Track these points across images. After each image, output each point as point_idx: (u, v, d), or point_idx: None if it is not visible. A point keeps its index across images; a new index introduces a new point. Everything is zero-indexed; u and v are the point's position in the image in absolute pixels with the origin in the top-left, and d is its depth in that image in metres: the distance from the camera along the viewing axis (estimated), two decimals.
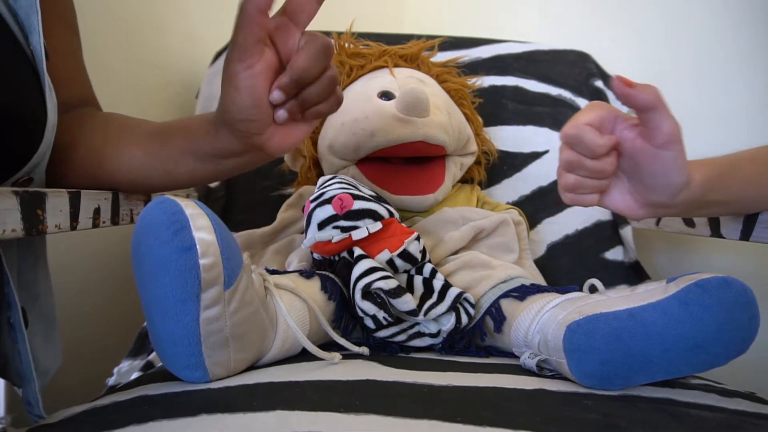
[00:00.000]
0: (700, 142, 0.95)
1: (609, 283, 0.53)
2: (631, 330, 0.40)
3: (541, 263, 0.77)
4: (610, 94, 0.96)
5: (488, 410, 0.36)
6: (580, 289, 0.51)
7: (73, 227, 0.45)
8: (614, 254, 0.83)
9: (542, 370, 0.46)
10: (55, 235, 0.45)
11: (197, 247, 0.37)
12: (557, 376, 0.45)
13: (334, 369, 0.44)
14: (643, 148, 0.45)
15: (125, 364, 0.67)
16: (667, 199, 0.47)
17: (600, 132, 0.45)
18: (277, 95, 0.45)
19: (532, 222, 0.83)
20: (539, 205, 0.85)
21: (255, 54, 0.43)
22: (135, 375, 0.63)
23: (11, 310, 0.48)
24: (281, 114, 0.46)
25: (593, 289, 0.51)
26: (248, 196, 0.84)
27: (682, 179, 0.45)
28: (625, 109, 0.46)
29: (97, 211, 0.49)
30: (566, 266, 0.82)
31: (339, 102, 0.49)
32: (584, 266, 0.82)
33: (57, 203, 0.43)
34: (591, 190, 0.48)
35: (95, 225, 0.49)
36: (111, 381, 0.65)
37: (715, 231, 0.61)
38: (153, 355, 0.65)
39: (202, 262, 0.37)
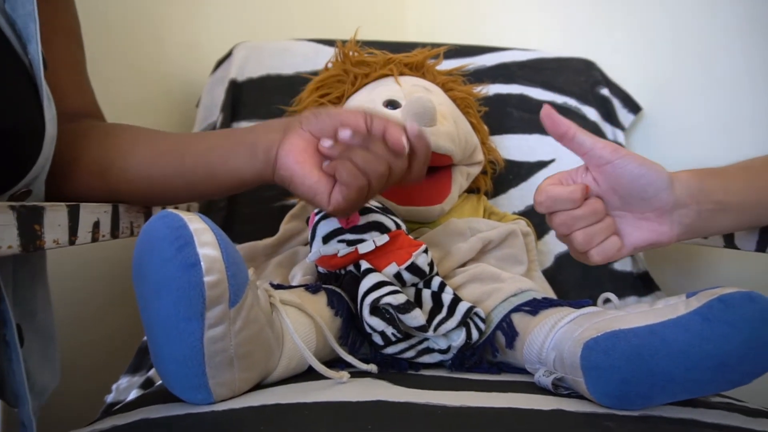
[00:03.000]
0: (706, 149, 0.94)
1: (618, 294, 0.52)
2: (651, 347, 0.38)
3: (549, 274, 0.76)
4: (616, 102, 0.95)
5: None
6: (594, 303, 0.50)
7: (71, 242, 0.44)
8: (623, 264, 0.82)
9: (558, 388, 0.44)
10: None
11: (202, 263, 0.36)
12: (574, 394, 0.43)
13: (343, 388, 0.42)
14: (603, 173, 0.47)
15: (124, 381, 0.65)
16: (667, 198, 0.46)
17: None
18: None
19: (540, 232, 0.81)
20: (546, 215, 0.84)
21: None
22: (134, 392, 0.62)
23: (6, 327, 0.46)
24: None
25: (607, 302, 0.49)
26: (250, 207, 0.82)
27: (657, 173, 0.46)
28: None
29: (96, 225, 0.48)
30: (574, 277, 0.80)
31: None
32: (593, 277, 0.80)
33: (55, 218, 0.42)
34: (604, 234, 0.48)
35: (94, 239, 0.48)
36: (110, 398, 0.63)
37: (729, 242, 0.60)
38: (153, 372, 0.64)
39: (206, 279, 0.36)
